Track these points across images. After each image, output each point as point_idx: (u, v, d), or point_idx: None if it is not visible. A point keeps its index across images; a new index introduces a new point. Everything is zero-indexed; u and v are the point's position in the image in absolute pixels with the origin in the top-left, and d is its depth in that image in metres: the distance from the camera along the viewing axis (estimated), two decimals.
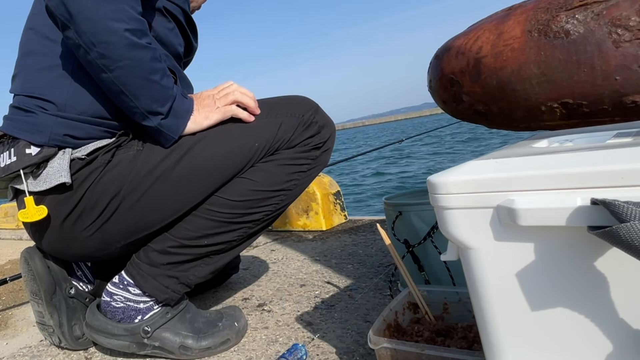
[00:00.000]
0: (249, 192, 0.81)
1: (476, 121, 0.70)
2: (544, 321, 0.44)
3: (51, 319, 0.91)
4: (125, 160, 0.78)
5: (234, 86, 0.82)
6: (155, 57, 0.74)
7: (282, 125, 0.82)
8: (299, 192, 0.87)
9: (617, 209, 0.34)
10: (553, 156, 0.43)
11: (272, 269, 1.37)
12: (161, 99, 0.75)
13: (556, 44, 0.54)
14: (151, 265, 0.83)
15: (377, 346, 0.66)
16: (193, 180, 0.78)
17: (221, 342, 0.86)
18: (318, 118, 0.85)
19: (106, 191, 0.77)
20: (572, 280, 0.42)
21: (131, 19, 0.70)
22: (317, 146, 0.85)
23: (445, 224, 0.47)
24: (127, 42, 0.69)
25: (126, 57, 0.70)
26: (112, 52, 0.69)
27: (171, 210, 0.80)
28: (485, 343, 0.49)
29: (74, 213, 0.78)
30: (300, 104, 0.86)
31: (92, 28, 0.67)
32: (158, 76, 0.74)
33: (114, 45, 0.69)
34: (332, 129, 0.88)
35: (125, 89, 0.72)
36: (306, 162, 0.85)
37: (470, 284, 0.48)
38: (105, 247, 0.83)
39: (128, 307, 0.84)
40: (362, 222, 1.84)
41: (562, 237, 0.41)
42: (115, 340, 0.83)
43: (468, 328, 0.72)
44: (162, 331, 0.84)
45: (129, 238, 0.82)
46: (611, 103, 0.54)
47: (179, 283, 0.84)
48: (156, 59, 0.74)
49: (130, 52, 0.70)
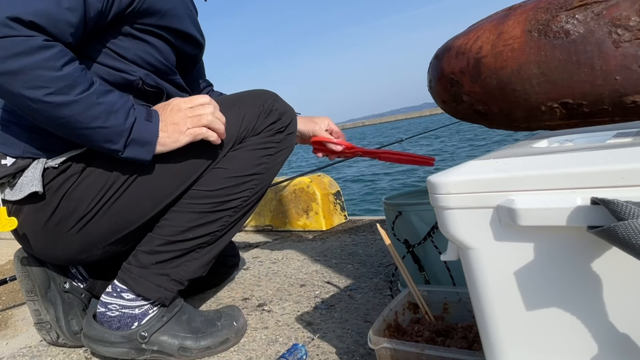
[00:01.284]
0: (224, 180, 0.84)
1: (476, 121, 0.70)
2: (544, 321, 0.44)
3: (47, 314, 0.92)
4: (100, 166, 0.80)
5: (208, 108, 0.80)
6: (91, 102, 0.71)
7: (246, 115, 0.86)
8: (271, 175, 0.91)
9: (616, 208, 0.34)
10: (553, 156, 0.43)
11: (272, 269, 1.37)
12: (112, 139, 0.74)
13: (556, 44, 0.54)
14: (141, 267, 0.84)
15: (377, 346, 0.66)
16: (168, 176, 0.82)
17: (220, 342, 0.86)
18: (277, 106, 0.89)
19: (84, 197, 0.80)
20: (572, 280, 0.42)
21: (51, 81, 0.67)
22: (280, 130, 0.89)
23: (445, 224, 0.47)
24: (52, 106, 0.68)
25: (59, 117, 0.70)
26: (43, 116, 0.70)
27: (149, 207, 0.83)
28: (485, 343, 0.49)
29: (52, 219, 0.81)
30: (260, 96, 0.90)
31: (16, 101, 0.68)
32: (100, 121, 0.72)
33: (41, 111, 0.69)
34: (292, 115, 0.93)
35: (73, 139, 0.75)
36: (272, 146, 0.89)
37: (470, 284, 0.48)
38: (88, 249, 0.86)
39: (124, 315, 0.85)
40: (362, 222, 1.84)
41: (562, 237, 0.41)
42: (114, 348, 0.84)
43: (468, 328, 0.72)
44: (159, 335, 0.84)
45: (110, 239, 0.85)
46: (611, 103, 0.54)
47: (171, 280, 0.85)
48: (94, 105, 0.71)
49: (61, 112, 0.69)
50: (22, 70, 0.65)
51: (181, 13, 0.87)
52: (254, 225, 2.00)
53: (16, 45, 0.64)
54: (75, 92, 0.70)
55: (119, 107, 0.74)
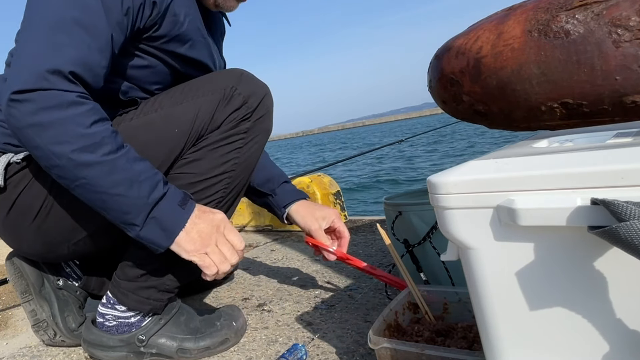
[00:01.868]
0: (190, 185, 0.79)
1: (476, 121, 0.70)
2: (544, 321, 0.44)
3: (43, 311, 0.92)
4: None
5: (234, 258, 0.75)
6: (116, 167, 0.68)
7: (202, 106, 0.78)
8: (246, 168, 0.84)
9: (616, 209, 0.34)
10: (553, 156, 0.43)
11: (272, 269, 1.37)
12: (131, 211, 0.69)
13: (556, 44, 0.54)
14: (128, 280, 0.83)
15: (377, 346, 0.66)
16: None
17: (220, 342, 0.86)
18: (241, 89, 0.80)
19: (39, 194, 0.79)
20: (572, 280, 0.42)
21: (78, 137, 0.65)
22: (246, 117, 0.81)
23: (445, 224, 0.47)
24: (75, 164, 0.66)
25: (80, 177, 0.67)
26: (66, 173, 0.67)
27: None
28: (485, 343, 0.49)
29: (10, 214, 0.81)
30: (220, 79, 0.81)
31: (41, 154, 0.66)
32: (122, 188, 0.68)
33: (65, 168, 0.66)
34: (260, 95, 0.82)
35: (91, 204, 0.70)
36: (239, 138, 0.81)
37: (470, 284, 0.48)
38: (53, 248, 0.85)
39: (121, 324, 0.85)
40: (362, 222, 1.84)
41: (562, 237, 0.41)
42: (112, 352, 0.84)
43: (468, 328, 0.72)
44: (157, 337, 0.84)
45: (71, 239, 0.83)
46: (611, 103, 0.53)
47: (159, 291, 0.83)
48: (118, 169, 0.68)
49: (82, 172, 0.67)
50: (51, 124, 0.64)
51: (193, 39, 0.83)
52: (254, 225, 2.00)
53: (50, 99, 0.64)
54: (101, 152, 0.67)
55: (145, 178, 0.70)
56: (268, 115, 0.84)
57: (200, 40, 0.85)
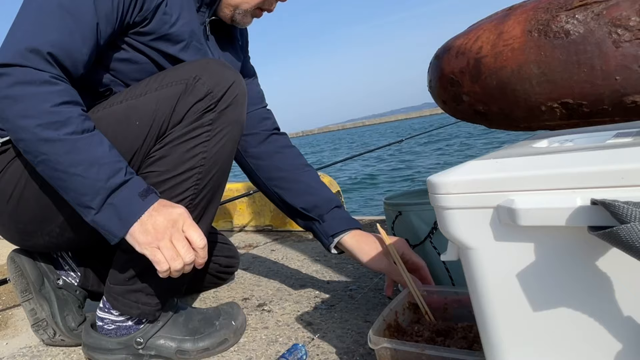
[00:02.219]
0: (158, 184, 0.76)
1: (476, 121, 0.70)
2: (544, 321, 0.44)
3: (42, 310, 0.93)
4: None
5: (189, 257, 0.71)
6: (76, 147, 0.68)
7: (163, 97, 0.75)
8: (218, 161, 0.79)
9: (616, 210, 0.34)
10: (553, 156, 0.43)
11: (272, 269, 1.37)
12: (87, 192, 0.68)
13: (556, 44, 0.54)
14: (117, 284, 0.83)
15: (377, 346, 0.66)
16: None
17: (219, 343, 0.85)
18: (205, 78, 0.76)
19: (11, 180, 0.80)
20: (572, 280, 0.42)
21: (42, 113, 0.67)
22: (210, 108, 0.76)
23: (445, 224, 0.47)
24: (38, 138, 0.67)
25: (42, 152, 0.68)
26: (29, 147, 0.69)
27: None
28: (485, 343, 0.49)
29: None
30: (185, 69, 0.77)
31: (9, 127, 0.68)
32: (80, 168, 0.68)
33: (28, 142, 0.68)
34: (226, 84, 0.77)
35: (52, 182, 0.71)
36: (204, 131, 0.77)
37: (470, 284, 0.48)
38: (27, 237, 0.86)
39: (119, 327, 0.85)
40: (362, 222, 1.84)
41: (562, 237, 0.41)
42: (112, 355, 0.84)
43: (468, 328, 0.72)
44: (155, 339, 0.84)
45: (43, 228, 0.83)
46: (611, 103, 0.53)
47: (146, 295, 0.82)
48: (78, 150, 0.68)
49: (44, 148, 0.67)
50: (21, 98, 0.67)
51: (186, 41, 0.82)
52: (254, 226, 2.00)
53: (24, 74, 0.66)
54: (64, 131, 0.67)
55: (106, 162, 0.69)
56: (236, 105, 0.79)
57: (194, 44, 0.85)
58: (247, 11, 0.88)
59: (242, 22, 0.90)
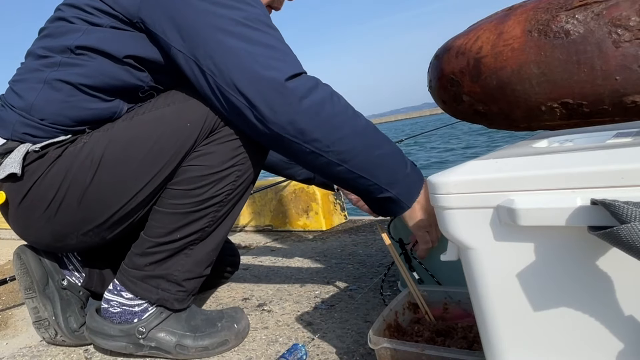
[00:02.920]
0: (200, 178, 0.80)
1: (476, 121, 0.70)
2: (544, 321, 0.44)
3: (45, 310, 0.93)
4: (71, 154, 0.80)
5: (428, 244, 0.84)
6: (376, 128, 0.78)
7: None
8: (256, 161, 0.85)
9: (616, 210, 0.34)
10: (553, 156, 0.43)
11: (272, 269, 1.37)
12: (397, 167, 0.77)
13: (556, 44, 0.54)
14: (136, 268, 0.84)
15: (377, 346, 0.66)
16: (132, 170, 0.79)
17: (219, 343, 0.85)
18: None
19: (53, 184, 0.80)
20: (572, 280, 0.42)
21: (346, 105, 0.76)
22: None
23: (445, 224, 0.47)
24: (354, 130, 0.74)
25: (359, 143, 0.74)
26: (347, 144, 0.74)
27: (114, 200, 0.81)
28: (485, 343, 0.49)
29: (24, 202, 0.82)
30: None
31: (324, 132, 0.73)
32: (387, 146, 0.77)
33: (346, 137, 0.73)
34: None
35: (364, 172, 0.76)
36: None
37: (470, 284, 0.48)
38: (61, 238, 0.86)
39: (125, 311, 0.86)
40: (362, 222, 1.84)
41: (562, 237, 0.41)
42: (112, 342, 0.85)
43: (468, 328, 0.72)
44: (157, 331, 0.84)
45: (80, 229, 0.84)
46: (611, 103, 0.54)
47: (167, 281, 0.84)
48: (377, 130, 0.78)
49: (360, 137, 0.74)
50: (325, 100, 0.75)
51: None
52: (254, 225, 2.01)
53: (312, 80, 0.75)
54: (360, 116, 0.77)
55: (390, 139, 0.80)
56: None
57: None
58: None
59: None
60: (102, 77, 0.80)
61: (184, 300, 0.87)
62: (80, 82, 0.79)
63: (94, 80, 0.80)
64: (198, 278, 0.87)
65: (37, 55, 0.83)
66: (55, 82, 0.80)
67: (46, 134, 0.81)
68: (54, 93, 0.80)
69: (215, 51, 0.73)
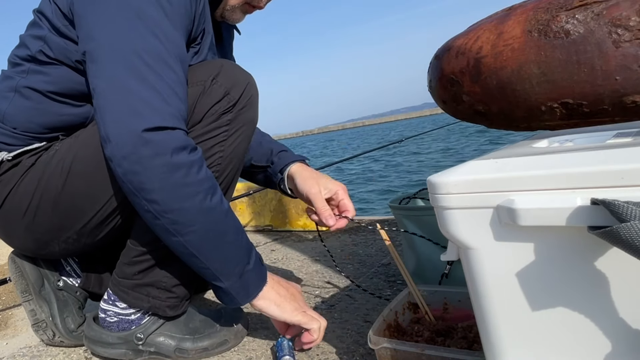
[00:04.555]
0: None
1: (476, 121, 0.70)
2: (544, 321, 0.44)
3: (42, 312, 0.93)
4: (43, 162, 0.80)
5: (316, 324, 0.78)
6: (229, 213, 0.73)
7: None
8: (233, 160, 0.82)
9: (617, 209, 0.34)
10: (553, 156, 0.43)
11: (272, 269, 1.37)
12: (234, 261, 0.74)
13: (556, 44, 0.54)
14: (125, 278, 0.83)
15: (377, 346, 0.66)
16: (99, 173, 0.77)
17: (219, 344, 0.85)
18: (221, 81, 0.78)
19: (27, 192, 0.80)
20: (572, 280, 0.42)
21: (205, 180, 0.70)
22: (228, 110, 0.78)
23: (445, 224, 0.47)
24: (199, 207, 0.69)
25: (199, 221, 0.69)
26: (185, 217, 0.68)
27: (88, 205, 0.80)
28: (485, 343, 0.49)
29: (1, 211, 0.83)
30: (200, 71, 0.79)
31: (165, 197, 0.67)
32: (231, 236, 0.73)
33: (186, 211, 0.68)
34: (242, 85, 0.80)
35: (197, 252, 0.71)
36: (222, 131, 0.79)
37: (470, 284, 0.48)
38: (43, 245, 0.86)
39: (122, 320, 0.85)
40: (362, 222, 1.84)
41: (562, 237, 0.41)
42: (112, 349, 0.85)
43: (468, 328, 0.72)
44: (155, 336, 0.84)
45: (60, 236, 0.84)
46: (611, 103, 0.54)
47: (157, 289, 0.83)
48: (230, 216, 0.73)
49: (203, 216, 0.69)
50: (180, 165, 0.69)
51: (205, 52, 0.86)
52: (254, 225, 2.00)
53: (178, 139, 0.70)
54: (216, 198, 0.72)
55: (240, 225, 0.76)
56: (251, 105, 0.82)
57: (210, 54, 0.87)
58: (234, 7, 0.88)
59: (232, 19, 0.90)
60: (67, 83, 0.79)
61: (176, 306, 0.85)
62: (47, 89, 0.79)
63: (60, 86, 0.79)
64: (188, 283, 0.85)
65: (11, 62, 0.83)
66: (25, 90, 0.80)
67: (20, 142, 0.81)
68: (24, 101, 0.80)
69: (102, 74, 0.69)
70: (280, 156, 1.01)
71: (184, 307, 0.87)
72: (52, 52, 0.78)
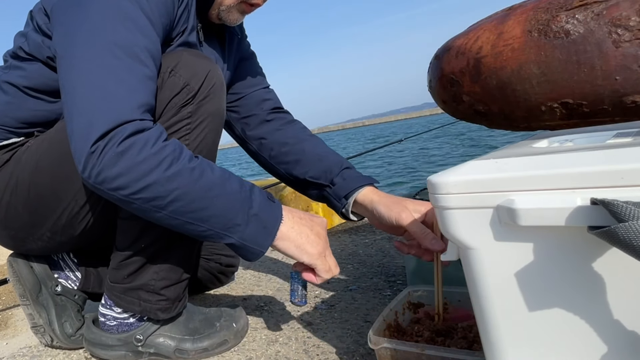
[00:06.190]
0: None
1: (476, 121, 0.70)
2: (544, 321, 0.44)
3: (40, 318, 0.92)
4: (17, 157, 0.81)
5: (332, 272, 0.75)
6: (204, 170, 0.66)
7: None
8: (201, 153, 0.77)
9: (616, 209, 0.34)
10: (553, 156, 0.43)
11: (272, 269, 1.37)
12: (232, 209, 0.67)
13: (556, 44, 0.54)
14: (117, 282, 0.83)
15: (377, 346, 0.66)
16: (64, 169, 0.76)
17: (218, 344, 0.85)
18: (180, 72, 0.74)
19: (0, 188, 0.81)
20: (572, 280, 0.42)
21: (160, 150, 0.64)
22: (188, 102, 0.74)
23: (445, 224, 0.47)
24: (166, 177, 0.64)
25: (172, 189, 0.64)
26: (156, 191, 0.63)
27: (55, 202, 0.79)
28: (485, 343, 0.49)
29: None
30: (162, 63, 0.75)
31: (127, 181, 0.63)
32: (217, 189, 0.66)
33: (155, 185, 0.63)
34: (202, 75, 0.75)
35: (187, 218, 0.66)
36: (184, 125, 0.75)
37: (470, 284, 0.48)
38: (21, 242, 0.87)
39: (121, 324, 0.85)
40: (362, 222, 1.84)
41: (562, 237, 0.41)
42: (111, 352, 0.85)
43: (468, 328, 0.72)
44: (155, 337, 0.84)
45: (33, 234, 0.84)
46: (611, 103, 0.54)
47: (146, 292, 0.82)
48: (206, 171, 0.66)
49: (174, 183, 0.64)
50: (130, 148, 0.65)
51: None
52: None
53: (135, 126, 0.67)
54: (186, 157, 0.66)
55: (228, 175, 0.69)
56: (214, 95, 0.77)
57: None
58: (230, 7, 0.84)
59: (229, 20, 0.86)
60: (42, 79, 0.80)
61: (168, 309, 0.83)
62: (23, 84, 0.80)
63: (35, 82, 0.80)
64: (178, 284, 0.84)
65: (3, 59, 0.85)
66: (4, 85, 0.82)
67: None
68: (3, 95, 0.82)
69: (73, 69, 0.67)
70: (345, 176, 0.93)
71: (176, 309, 0.85)
72: (28, 47, 0.79)
